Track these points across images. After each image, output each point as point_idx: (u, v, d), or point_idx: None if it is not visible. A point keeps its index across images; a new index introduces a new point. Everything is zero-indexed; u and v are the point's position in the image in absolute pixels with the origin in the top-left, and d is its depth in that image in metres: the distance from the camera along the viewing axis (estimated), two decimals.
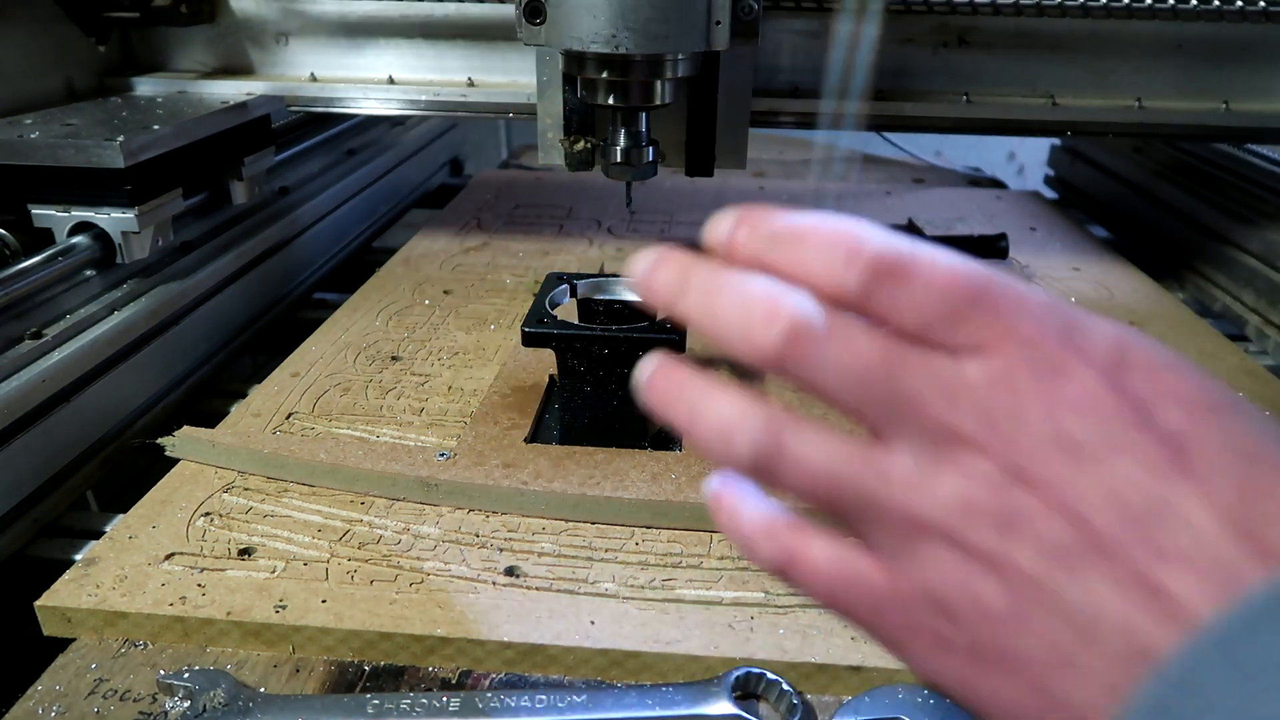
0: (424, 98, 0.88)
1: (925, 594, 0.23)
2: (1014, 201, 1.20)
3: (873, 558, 0.24)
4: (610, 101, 0.68)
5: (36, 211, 0.69)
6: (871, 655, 0.44)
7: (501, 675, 0.45)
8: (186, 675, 0.43)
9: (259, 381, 0.71)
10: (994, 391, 0.22)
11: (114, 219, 0.69)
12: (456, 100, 0.88)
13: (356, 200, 1.14)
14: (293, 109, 0.91)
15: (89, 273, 0.70)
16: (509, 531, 0.54)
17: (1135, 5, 0.78)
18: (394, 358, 0.74)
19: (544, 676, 0.45)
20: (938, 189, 1.26)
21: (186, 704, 0.42)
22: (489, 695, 0.43)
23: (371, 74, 0.91)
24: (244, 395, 0.73)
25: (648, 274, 0.27)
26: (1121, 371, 0.22)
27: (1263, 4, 0.77)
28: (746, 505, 0.26)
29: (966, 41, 0.86)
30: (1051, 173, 1.44)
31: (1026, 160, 2.06)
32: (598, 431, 0.61)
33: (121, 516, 0.54)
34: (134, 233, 0.69)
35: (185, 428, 0.61)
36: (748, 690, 0.43)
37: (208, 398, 0.79)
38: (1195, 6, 0.78)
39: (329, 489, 0.57)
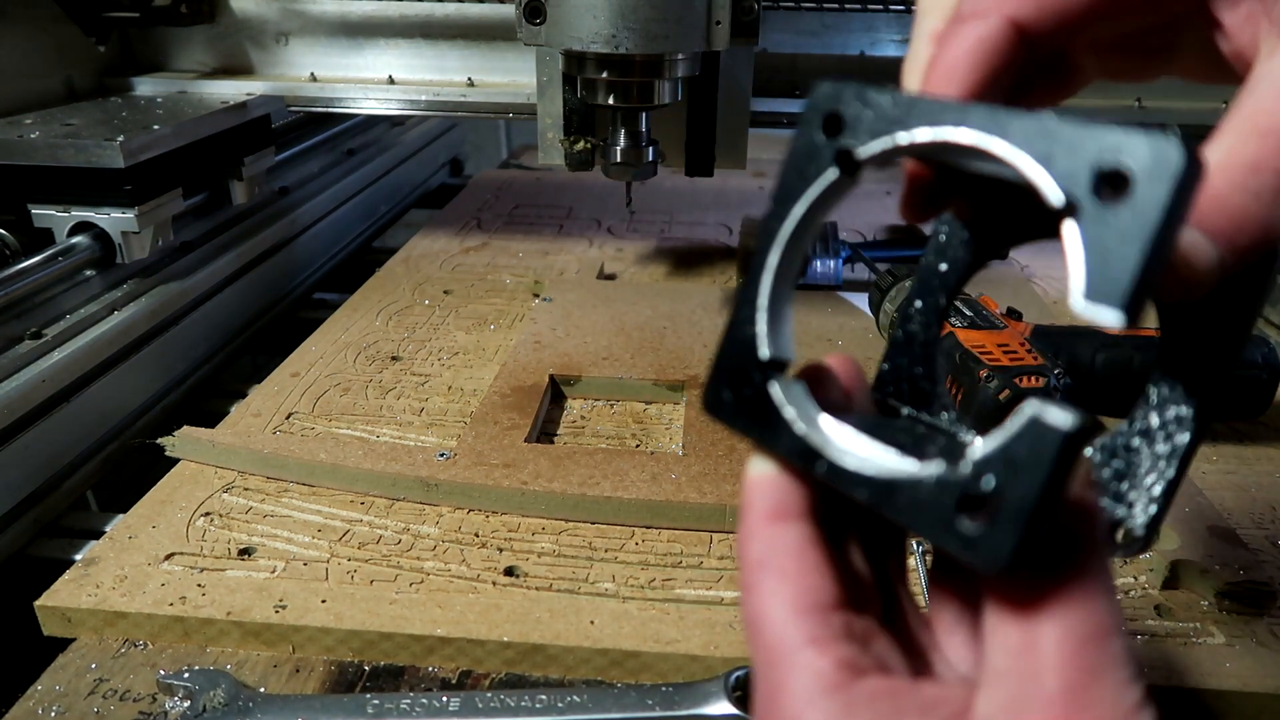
0: (424, 98, 0.88)
1: None
2: None
3: None
4: (610, 101, 0.68)
5: (36, 211, 0.69)
6: None
7: (501, 675, 0.45)
8: (186, 675, 0.43)
9: (259, 381, 0.71)
10: None
11: (114, 219, 0.69)
12: (456, 100, 0.88)
13: (356, 200, 1.14)
14: (293, 109, 0.91)
15: (89, 273, 0.70)
16: (509, 531, 0.54)
17: None
18: (394, 358, 0.74)
19: (544, 676, 0.45)
20: None
21: (186, 704, 0.42)
22: (489, 695, 0.43)
23: (371, 74, 0.91)
24: (244, 395, 0.73)
25: None
26: None
27: None
28: None
29: None
30: None
31: None
32: None
33: (121, 516, 0.54)
34: (134, 233, 0.69)
35: (185, 428, 0.61)
36: (747, 690, 0.43)
37: (208, 398, 0.79)
38: None
39: (329, 489, 0.57)
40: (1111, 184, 0.19)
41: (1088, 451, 0.24)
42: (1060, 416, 0.19)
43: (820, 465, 0.23)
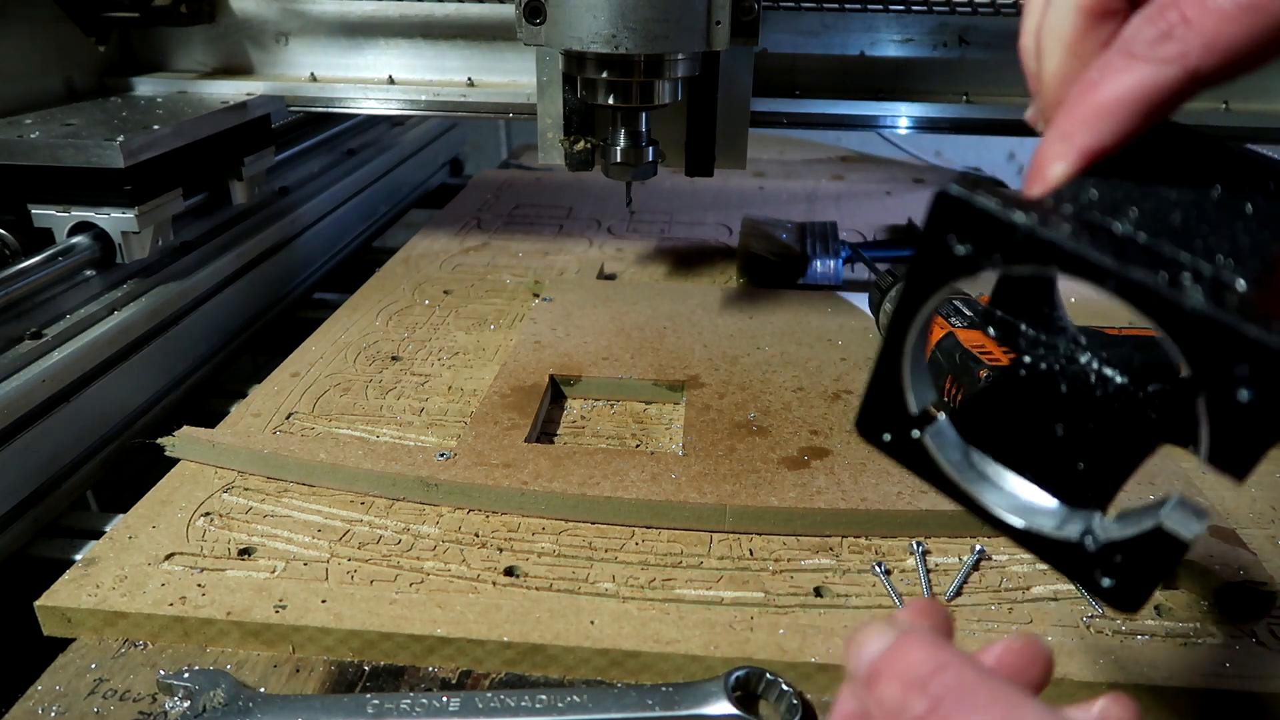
0: (424, 98, 0.88)
1: None
2: None
3: None
4: (610, 101, 0.68)
5: (36, 211, 0.69)
6: None
7: (501, 675, 0.45)
8: (186, 675, 0.43)
9: (259, 381, 0.71)
10: None
11: (114, 219, 0.69)
12: (456, 100, 0.88)
13: (356, 200, 1.14)
14: (293, 109, 0.91)
15: (89, 273, 0.70)
16: (509, 531, 0.54)
17: None
18: (394, 358, 0.74)
19: (544, 676, 0.45)
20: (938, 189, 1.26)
21: (186, 704, 0.42)
22: (489, 695, 0.43)
23: (371, 74, 0.91)
24: (244, 395, 0.73)
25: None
26: None
27: None
28: None
29: (966, 41, 0.86)
30: None
31: (1026, 160, 2.06)
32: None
33: (121, 516, 0.55)
34: (134, 233, 0.69)
35: (185, 428, 0.61)
36: (747, 690, 0.43)
37: (208, 398, 0.79)
38: None
39: (329, 489, 0.57)
40: (1245, 383, 0.21)
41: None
42: (1186, 526, 0.23)
43: (973, 505, 0.27)
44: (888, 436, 0.28)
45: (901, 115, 0.88)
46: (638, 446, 0.63)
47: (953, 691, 0.23)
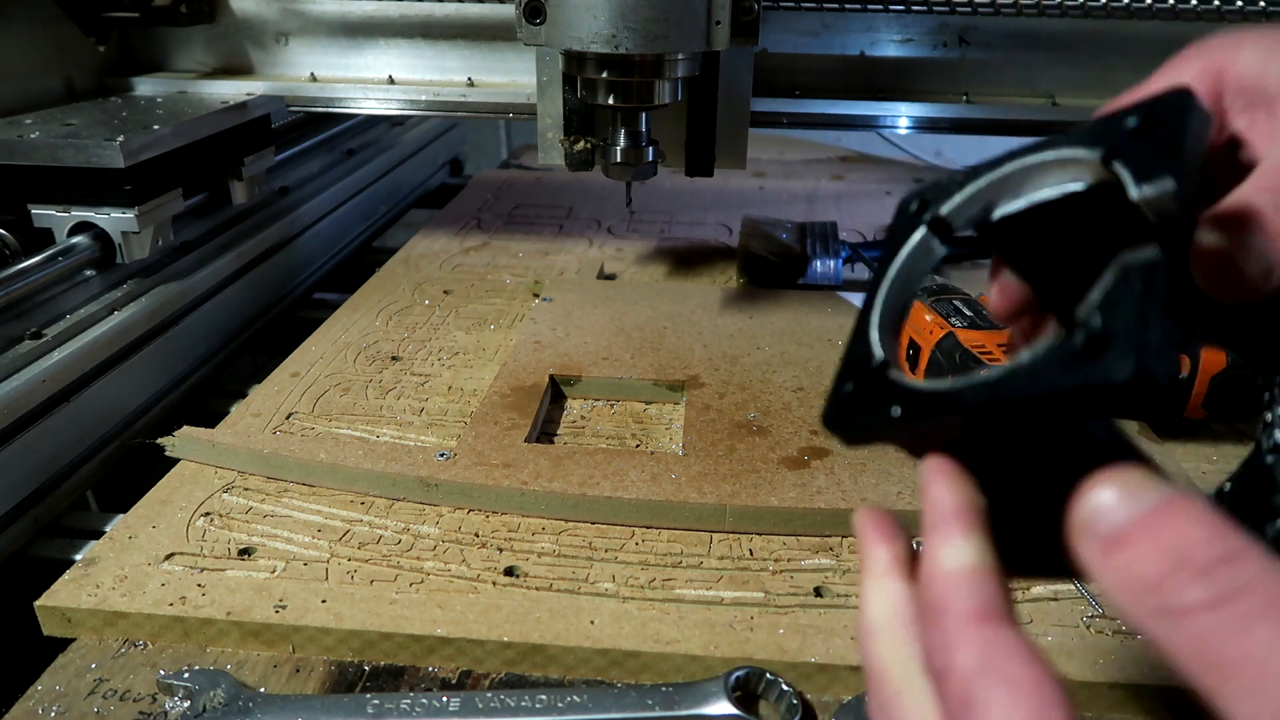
0: (424, 98, 0.88)
1: None
2: None
3: None
4: (610, 101, 0.68)
5: (36, 211, 0.69)
6: None
7: (501, 675, 0.45)
8: (186, 675, 0.43)
9: (259, 381, 0.71)
10: None
11: (114, 219, 0.69)
12: (456, 100, 0.88)
13: (356, 200, 1.14)
14: (293, 109, 0.91)
15: (89, 273, 0.70)
16: (509, 531, 0.54)
17: (1135, 5, 0.78)
18: (394, 358, 0.74)
19: (544, 676, 0.45)
20: None
21: (186, 704, 0.42)
22: (489, 695, 0.43)
23: (371, 74, 0.91)
24: (244, 395, 0.73)
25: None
26: None
27: (1262, 4, 0.77)
28: None
29: (966, 41, 0.86)
30: None
31: None
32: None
33: (121, 516, 0.55)
34: (134, 233, 0.69)
35: (185, 428, 0.61)
36: (747, 690, 0.43)
37: (208, 398, 0.79)
38: (1195, 6, 0.78)
39: (329, 489, 0.57)
40: (1144, 124, 0.23)
41: (1226, 487, 0.27)
42: (1143, 253, 0.22)
43: (940, 403, 0.24)
44: (849, 386, 0.26)
45: (901, 115, 0.88)
46: (638, 446, 0.63)
47: (1251, 591, 0.17)
